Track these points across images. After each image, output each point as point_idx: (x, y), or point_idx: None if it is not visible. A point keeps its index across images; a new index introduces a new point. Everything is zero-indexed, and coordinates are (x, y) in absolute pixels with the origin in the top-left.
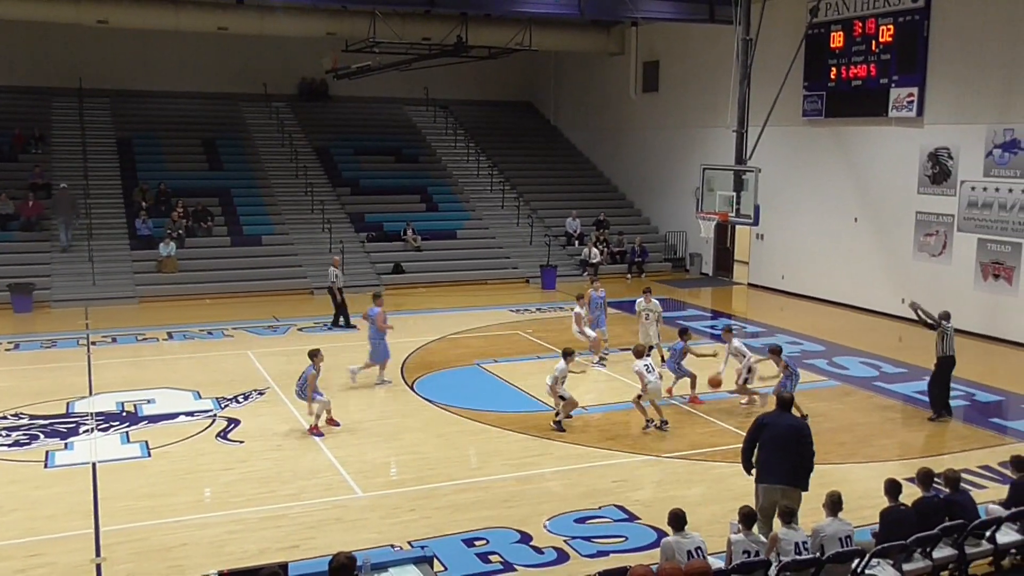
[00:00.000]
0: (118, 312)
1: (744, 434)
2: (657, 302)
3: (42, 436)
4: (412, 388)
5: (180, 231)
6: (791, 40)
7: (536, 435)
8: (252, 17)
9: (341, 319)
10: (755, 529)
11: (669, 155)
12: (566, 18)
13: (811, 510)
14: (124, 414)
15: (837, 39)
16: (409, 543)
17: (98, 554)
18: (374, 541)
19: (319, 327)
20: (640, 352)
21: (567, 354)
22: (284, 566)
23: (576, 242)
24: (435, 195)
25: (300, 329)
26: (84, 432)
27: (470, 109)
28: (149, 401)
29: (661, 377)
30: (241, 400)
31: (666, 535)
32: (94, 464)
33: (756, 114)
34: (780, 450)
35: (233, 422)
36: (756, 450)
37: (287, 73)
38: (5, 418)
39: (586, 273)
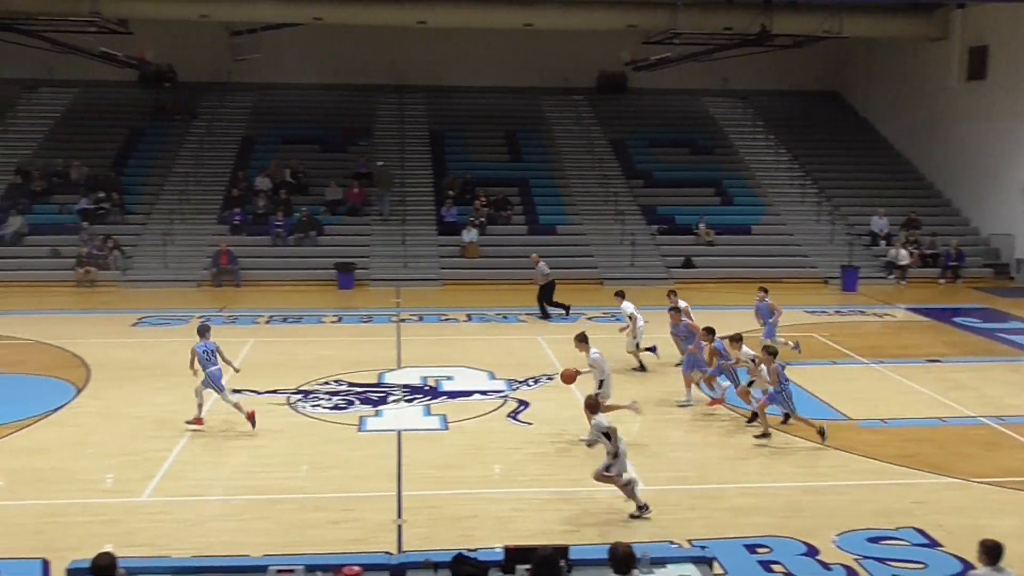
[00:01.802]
0: (424, 293)
1: None
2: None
3: (357, 402)
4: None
5: (482, 219)
6: None
7: (827, 445)
8: (556, 12)
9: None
10: None
11: (995, 149)
12: (880, 2)
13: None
14: (427, 388)
15: None
16: (689, 541)
17: (399, 516)
18: (652, 535)
19: (607, 317)
20: (594, 406)
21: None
22: (565, 549)
23: (882, 242)
24: (730, 188)
25: (589, 318)
26: (392, 402)
27: (771, 99)
28: (449, 378)
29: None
30: (531, 383)
31: (973, 567)
32: (399, 432)
33: None
34: None
35: (523, 404)
36: None
37: (586, 66)
38: (328, 383)
39: (893, 276)
